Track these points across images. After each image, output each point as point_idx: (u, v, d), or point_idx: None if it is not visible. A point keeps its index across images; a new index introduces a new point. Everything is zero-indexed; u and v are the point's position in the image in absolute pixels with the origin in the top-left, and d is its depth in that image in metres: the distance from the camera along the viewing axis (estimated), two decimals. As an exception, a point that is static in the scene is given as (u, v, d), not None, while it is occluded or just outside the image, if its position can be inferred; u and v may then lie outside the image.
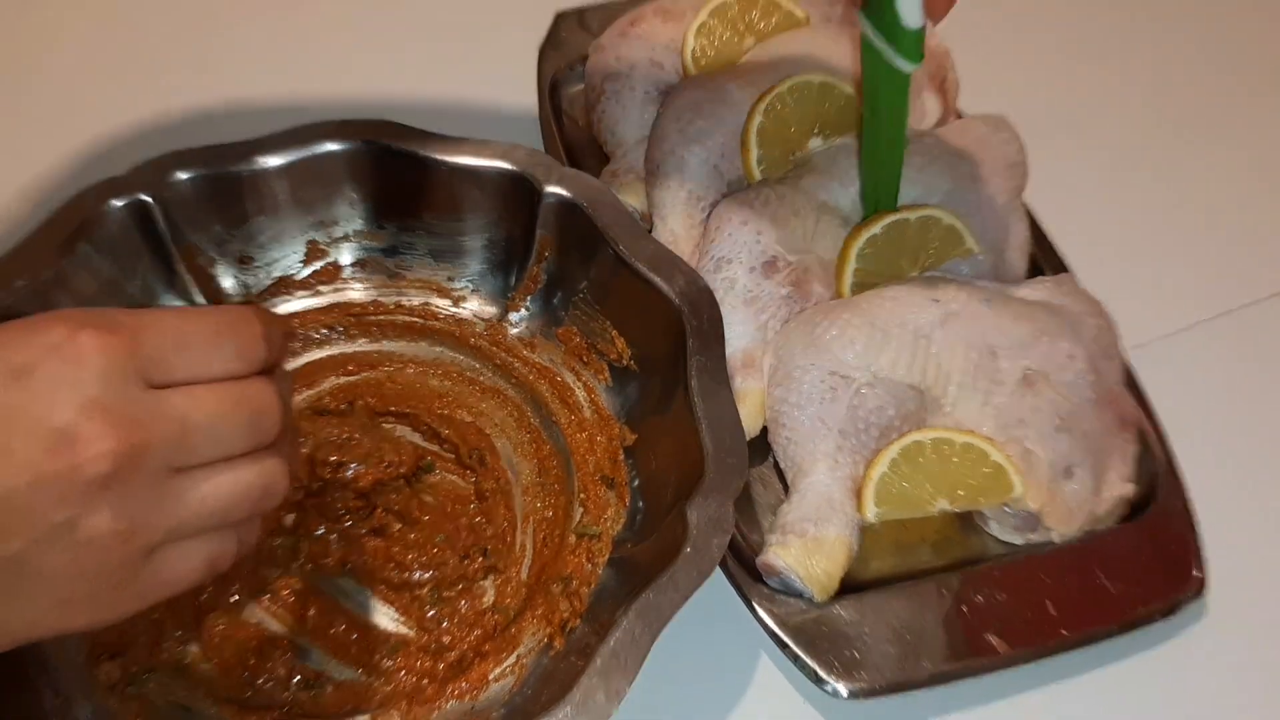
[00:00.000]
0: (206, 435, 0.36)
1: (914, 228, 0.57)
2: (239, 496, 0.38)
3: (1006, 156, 0.61)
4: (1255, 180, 0.72)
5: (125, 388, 0.34)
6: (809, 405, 0.53)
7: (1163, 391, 0.58)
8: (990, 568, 0.52)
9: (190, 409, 0.36)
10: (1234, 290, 0.66)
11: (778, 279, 0.56)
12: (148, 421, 0.35)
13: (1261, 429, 0.60)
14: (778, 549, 0.50)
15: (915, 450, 0.52)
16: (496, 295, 0.60)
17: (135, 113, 0.72)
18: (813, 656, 0.49)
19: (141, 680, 0.48)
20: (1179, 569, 0.52)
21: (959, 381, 0.53)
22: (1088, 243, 0.64)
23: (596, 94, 0.67)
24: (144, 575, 0.36)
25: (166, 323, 0.36)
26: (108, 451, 0.33)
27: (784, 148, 0.61)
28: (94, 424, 0.33)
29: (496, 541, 0.53)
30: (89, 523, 0.34)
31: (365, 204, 0.59)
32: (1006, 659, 0.49)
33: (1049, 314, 0.56)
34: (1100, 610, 0.51)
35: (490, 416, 0.58)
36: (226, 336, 0.37)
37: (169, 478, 0.36)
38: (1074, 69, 0.78)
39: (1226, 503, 0.56)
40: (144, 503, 0.35)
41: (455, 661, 0.50)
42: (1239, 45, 0.80)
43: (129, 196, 0.54)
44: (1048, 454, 0.53)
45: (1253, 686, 0.52)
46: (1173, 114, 0.76)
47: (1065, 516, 0.52)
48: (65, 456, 0.33)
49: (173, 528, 0.36)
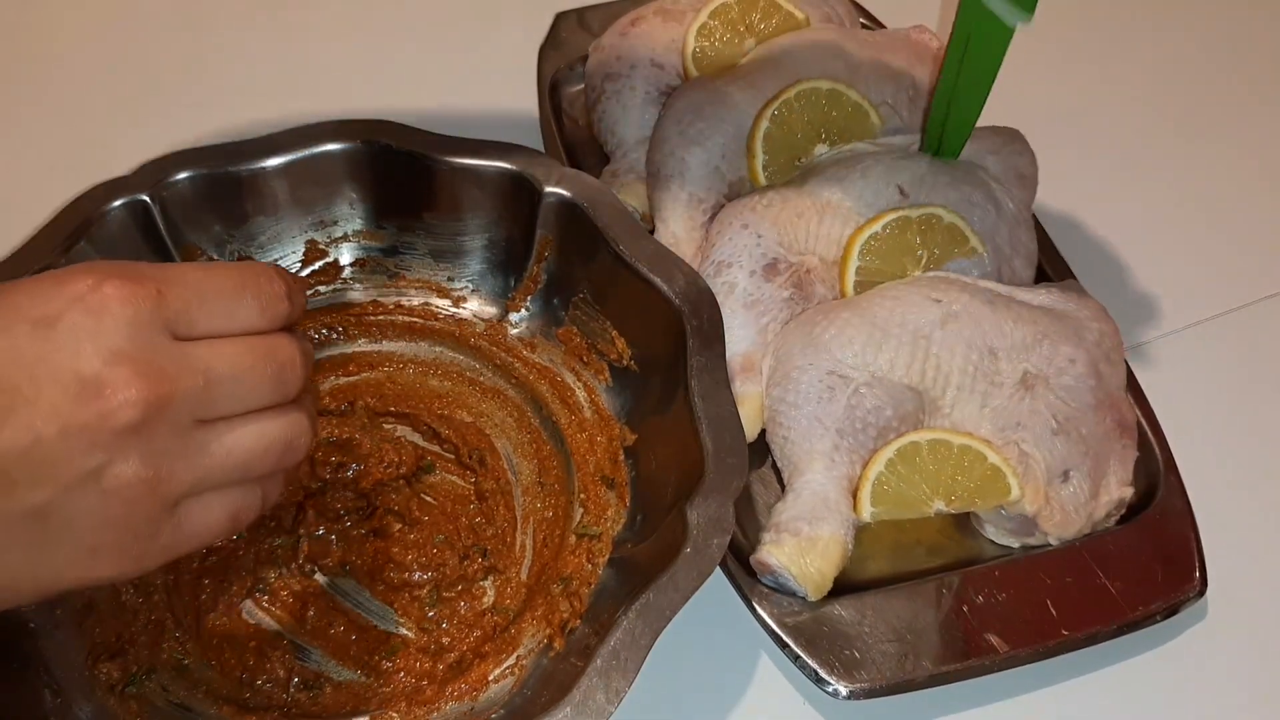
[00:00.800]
0: (230, 387, 0.36)
1: (916, 226, 0.57)
2: (263, 450, 0.38)
3: (1018, 168, 0.61)
4: (1256, 180, 0.72)
5: (151, 338, 0.35)
6: (806, 404, 0.53)
7: (1163, 391, 0.58)
8: (990, 568, 0.52)
9: (214, 361, 0.36)
10: (1234, 290, 0.66)
11: (779, 281, 0.56)
12: (173, 372, 0.35)
13: (1261, 429, 0.60)
14: (771, 547, 0.50)
15: (912, 451, 0.52)
16: (496, 295, 0.60)
17: (135, 113, 0.72)
18: (813, 656, 0.49)
19: (141, 680, 0.48)
20: (1180, 569, 0.52)
21: (958, 383, 0.53)
22: (1087, 242, 0.64)
23: (597, 94, 0.67)
24: (169, 527, 0.36)
25: (190, 276, 0.37)
26: (135, 399, 0.34)
27: (790, 154, 0.61)
28: (121, 372, 0.34)
29: (496, 542, 0.53)
30: (116, 471, 0.34)
31: (365, 204, 0.59)
32: (1007, 659, 0.49)
33: (1051, 318, 0.56)
34: (1101, 610, 0.51)
35: (490, 417, 0.58)
36: (249, 291, 0.37)
37: (194, 429, 0.36)
38: (1074, 69, 0.78)
39: (1227, 503, 0.56)
40: (170, 452, 0.35)
41: (455, 662, 0.50)
42: (1238, 46, 0.81)
43: (129, 196, 0.54)
44: (1045, 457, 0.53)
45: (1254, 687, 0.52)
46: (1173, 115, 0.76)
47: (1061, 520, 0.52)
48: (93, 405, 0.33)
49: (198, 479, 0.36)
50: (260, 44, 0.77)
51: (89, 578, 0.36)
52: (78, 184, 0.54)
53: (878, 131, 0.62)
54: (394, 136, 0.57)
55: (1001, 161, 0.61)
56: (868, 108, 0.62)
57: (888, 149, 0.60)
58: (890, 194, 0.58)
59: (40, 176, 0.67)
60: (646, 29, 0.67)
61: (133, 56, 0.75)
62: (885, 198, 0.58)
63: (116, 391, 0.34)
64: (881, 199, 0.58)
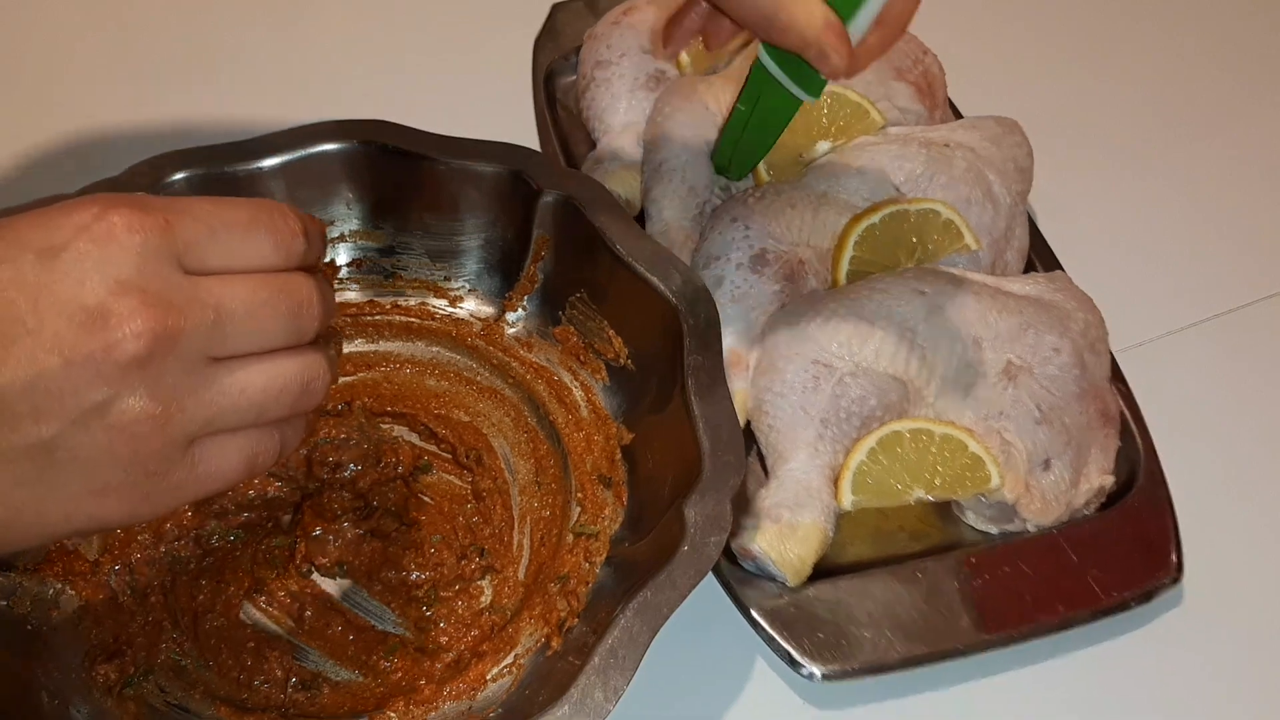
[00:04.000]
0: (243, 323, 0.35)
1: (913, 219, 0.58)
2: (278, 390, 0.36)
3: (1016, 160, 0.62)
4: (1251, 182, 0.72)
5: (159, 269, 0.33)
6: (791, 394, 0.53)
7: (1149, 390, 0.58)
8: (968, 553, 0.53)
9: (226, 295, 0.35)
10: (1222, 294, 0.66)
11: (768, 273, 0.56)
12: (182, 304, 0.33)
13: (1243, 426, 0.61)
14: (752, 533, 0.51)
15: (893, 440, 0.53)
16: (493, 295, 0.60)
17: (131, 114, 0.71)
18: (788, 640, 0.49)
19: (138, 681, 0.48)
20: (1156, 555, 0.53)
21: (942, 373, 0.54)
22: (1081, 243, 0.64)
23: (587, 81, 0.67)
24: (181, 467, 0.35)
25: (201, 208, 0.35)
26: (142, 331, 0.32)
27: (792, 151, 0.62)
28: (127, 303, 0.32)
29: (494, 541, 0.53)
30: (123, 405, 0.33)
31: (362, 204, 0.59)
32: (983, 642, 0.50)
33: (1037, 307, 0.56)
34: (1077, 595, 0.51)
35: (487, 416, 0.58)
36: (263, 225, 0.36)
37: (205, 365, 0.34)
38: (1068, 71, 0.78)
39: (1206, 492, 0.56)
40: (179, 388, 0.34)
41: (452, 662, 0.50)
42: (1234, 48, 0.80)
43: (125, 197, 0.54)
44: (1027, 446, 0.53)
45: (1228, 671, 0.52)
46: (1167, 117, 0.76)
47: (1041, 508, 0.53)
48: (98, 336, 0.32)
49: (210, 417, 0.35)
50: (257, 37, 0.77)
51: (98, 518, 0.35)
52: (73, 185, 0.54)
53: (878, 129, 0.62)
54: (390, 137, 0.57)
55: (1001, 153, 0.61)
56: (867, 106, 0.62)
57: (888, 142, 0.61)
58: (887, 189, 0.59)
59: (37, 178, 0.67)
60: (639, 18, 0.68)
61: (128, 57, 0.75)
62: (882, 192, 0.58)
63: (122, 322, 0.32)
64: (878, 194, 0.58)
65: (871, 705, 0.50)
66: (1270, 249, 0.69)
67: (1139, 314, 0.64)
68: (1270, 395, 0.62)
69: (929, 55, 0.67)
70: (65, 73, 0.74)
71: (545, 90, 0.70)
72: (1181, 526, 0.54)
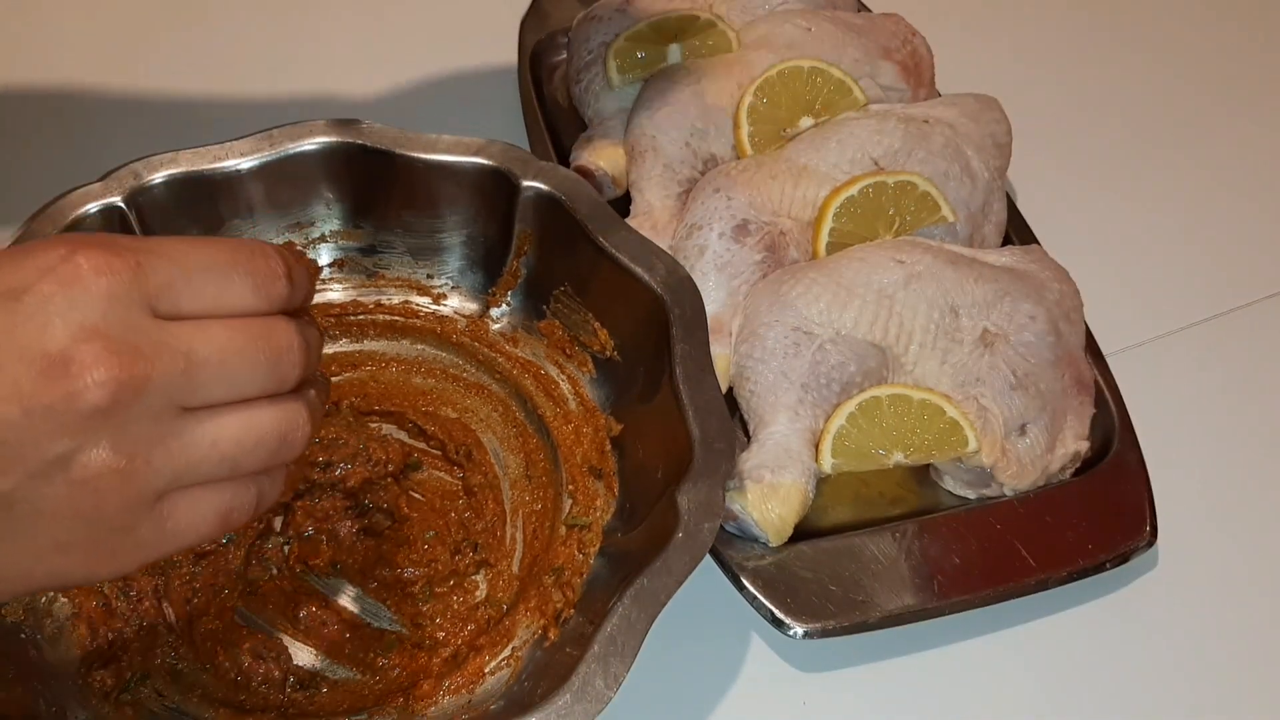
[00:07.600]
0: (217, 372, 0.33)
1: (891, 191, 0.58)
2: (253, 442, 0.34)
3: (995, 136, 0.63)
4: (1246, 185, 0.73)
5: (126, 314, 0.31)
6: (772, 359, 0.54)
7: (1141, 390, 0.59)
8: (947, 516, 0.54)
9: (198, 341, 0.33)
10: (1212, 297, 0.67)
11: (750, 243, 0.57)
12: (150, 351, 0.32)
13: (1223, 420, 0.62)
14: (734, 494, 0.51)
15: (873, 405, 0.54)
16: (477, 291, 0.60)
17: (106, 117, 0.71)
18: (770, 598, 0.50)
19: (135, 687, 0.47)
20: (1131, 519, 0.54)
21: (920, 340, 0.55)
22: (1076, 243, 0.65)
23: (582, 62, 0.67)
24: (148, 522, 0.33)
25: (174, 249, 0.33)
26: (105, 379, 0.31)
27: (775, 125, 0.63)
28: (91, 349, 0.31)
29: (487, 536, 0.54)
30: (86, 457, 0.31)
31: (342, 204, 0.59)
32: (959, 602, 0.51)
33: (1013, 276, 0.57)
34: (1052, 557, 0.52)
35: (475, 412, 0.58)
36: (241, 267, 0.34)
37: (175, 416, 0.33)
38: (1061, 73, 0.79)
39: (1179, 458, 0.58)
40: (146, 439, 0.32)
41: (450, 657, 0.50)
42: (1228, 50, 0.81)
43: (102, 202, 0.53)
44: (1002, 411, 0.54)
45: (1201, 632, 0.54)
46: (1160, 119, 0.77)
47: (1017, 472, 0.54)
48: (60, 384, 0.30)
49: (179, 471, 0.33)
50: (236, 27, 0.77)
51: (60, 574, 0.33)
52: (50, 191, 0.53)
53: (860, 107, 0.63)
54: (369, 135, 0.57)
55: (980, 129, 0.62)
56: (850, 83, 0.63)
57: (867, 117, 0.62)
58: (865, 164, 0.60)
59: (11, 184, 0.67)
60: (644, 2, 0.68)
61: (106, 61, 0.75)
62: (861, 166, 0.60)
63: (85, 370, 0.30)
64: (857, 167, 0.60)
65: (858, 667, 0.51)
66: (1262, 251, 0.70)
67: (1125, 316, 0.64)
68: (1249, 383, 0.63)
69: (918, 37, 0.68)
70: (44, 79, 0.73)
71: (531, 70, 0.70)
72: (1156, 493, 0.55)
